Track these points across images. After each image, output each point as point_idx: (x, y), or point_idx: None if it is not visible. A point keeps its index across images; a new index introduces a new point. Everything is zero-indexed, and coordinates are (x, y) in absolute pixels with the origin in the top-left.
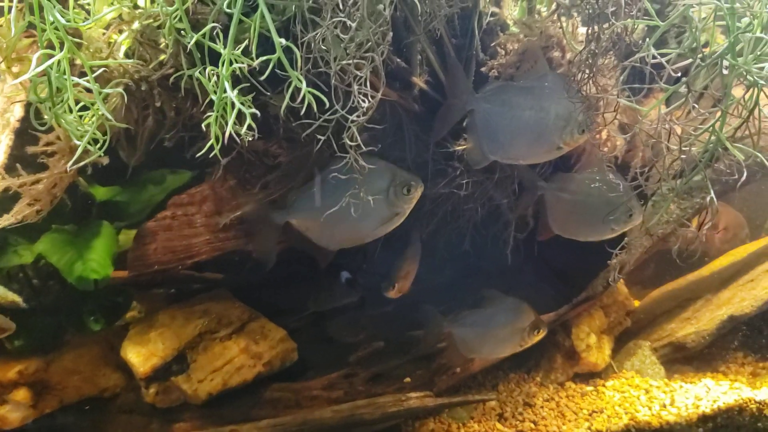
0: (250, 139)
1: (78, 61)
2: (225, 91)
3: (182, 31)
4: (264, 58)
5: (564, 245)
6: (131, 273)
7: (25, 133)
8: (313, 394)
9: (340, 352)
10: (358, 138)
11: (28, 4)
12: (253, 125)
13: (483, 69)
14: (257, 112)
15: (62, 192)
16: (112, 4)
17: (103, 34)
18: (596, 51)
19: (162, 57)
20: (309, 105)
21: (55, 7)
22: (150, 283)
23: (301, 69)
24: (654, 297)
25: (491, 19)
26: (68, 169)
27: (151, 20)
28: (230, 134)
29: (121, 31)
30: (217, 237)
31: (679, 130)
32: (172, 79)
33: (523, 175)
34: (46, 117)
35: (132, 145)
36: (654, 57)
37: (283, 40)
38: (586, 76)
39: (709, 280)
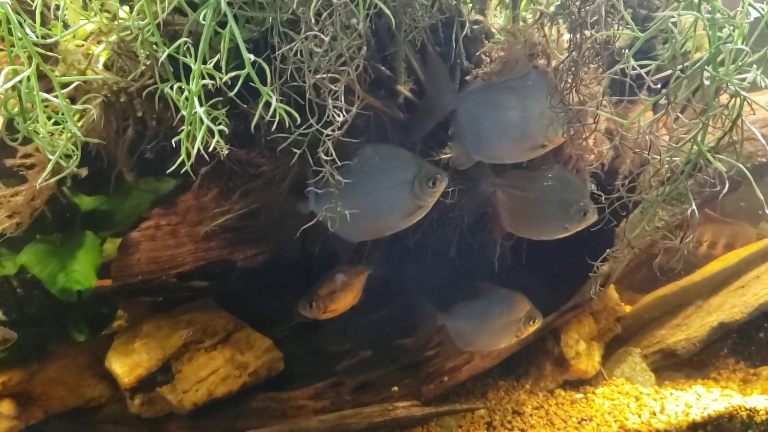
0: (225, 152)
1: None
2: (194, 105)
3: (155, 45)
4: (233, 73)
5: (552, 252)
6: (115, 283)
7: (5, 145)
8: (299, 403)
9: (327, 361)
10: (333, 152)
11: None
12: (221, 141)
13: (468, 77)
14: (225, 129)
15: (43, 204)
16: (89, 15)
17: (82, 45)
18: (578, 60)
19: (141, 68)
20: (290, 116)
21: (25, 21)
22: (135, 292)
23: (276, 82)
24: (644, 303)
25: (476, 27)
26: (38, 186)
27: (129, 32)
28: (213, 144)
29: (99, 42)
30: (201, 247)
31: (662, 141)
32: (146, 92)
33: (475, 171)
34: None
35: (112, 157)
36: (634, 68)
37: (251, 56)
38: (569, 84)
39: (700, 286)
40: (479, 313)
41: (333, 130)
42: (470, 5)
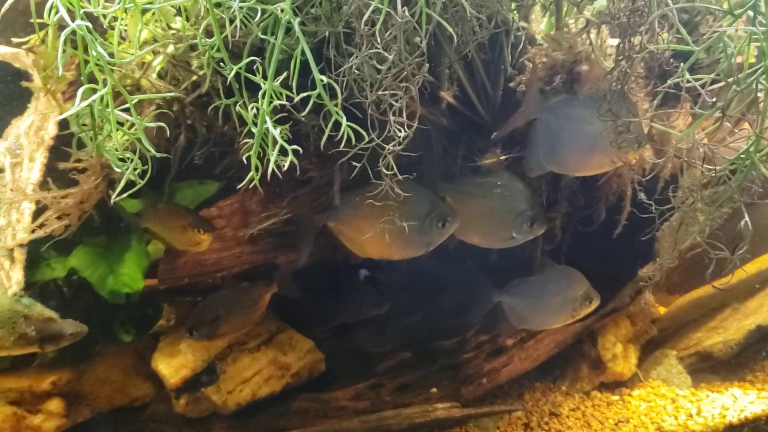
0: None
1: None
2: (265, 123)
3: (221, 62)
4: (305, 94)
5: (591, 255)
6: (162, 286)
7: (58, 149)
8: (340, 404)
9: (367, 362)
10: (394, 166)
11: (68, 35)
12: (295, 160)
13: (511, 84)
14: (299, 148)
15: (91, 207)
16: (146, 25)
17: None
18: (627, 70)
19: (194, 78)
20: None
21: (96, 40)
22: (180, 292)
23: (339, 98)
24: (680, 305)
25: (519, 33)
26: (113, 201)
27: (185, 43)
28: (286, 164)
29: (154, 53)
30: (246, 250)
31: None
32: (211, 109)
33: (424, 175)
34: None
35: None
36: (687, 81)
37: (324, 78)
38: (617, 93)
39: (737, 288)
40: (536, 290)
41: (394, 145)
42: (516, 14)
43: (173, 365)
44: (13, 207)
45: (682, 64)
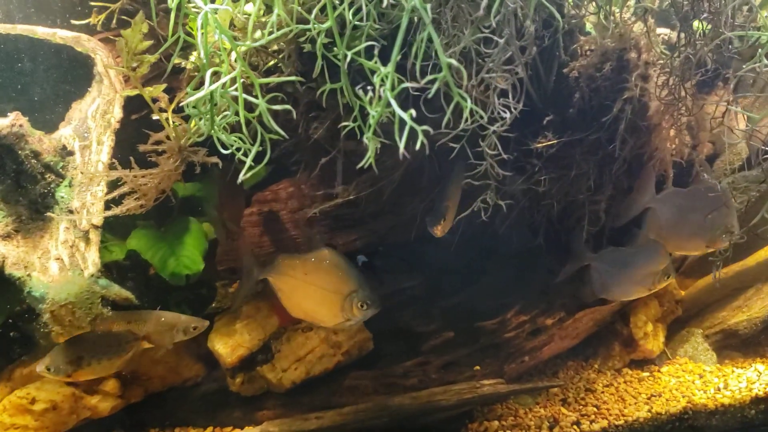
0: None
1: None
2: (388, 106)
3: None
4: (431, 77)
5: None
6: (221, 267)
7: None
8: (389, 381)
9: (412, 341)
10: (499, 146)
11: (178, 14)
12: (425, 142)
13: (564, 70)
14: (430, 129)
15: (169, 188)
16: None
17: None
18: (691, 57)
19: (271, 62)
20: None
21: (218, 26)
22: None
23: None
24: (700, 287)
25: (573, 21)
26: (239, 181)
27: (271, 29)
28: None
29: (235, 38)
30: (303, 232)
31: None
32: (318, 94)
33: None
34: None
35: None
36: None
37: (453, 61)
38: (679, 80)
39: (758, 269)
40: (624, 260)
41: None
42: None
43: (230, 345)
44: (87, 189)
45: (761, 51)
